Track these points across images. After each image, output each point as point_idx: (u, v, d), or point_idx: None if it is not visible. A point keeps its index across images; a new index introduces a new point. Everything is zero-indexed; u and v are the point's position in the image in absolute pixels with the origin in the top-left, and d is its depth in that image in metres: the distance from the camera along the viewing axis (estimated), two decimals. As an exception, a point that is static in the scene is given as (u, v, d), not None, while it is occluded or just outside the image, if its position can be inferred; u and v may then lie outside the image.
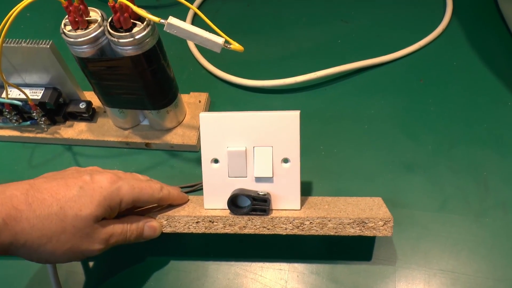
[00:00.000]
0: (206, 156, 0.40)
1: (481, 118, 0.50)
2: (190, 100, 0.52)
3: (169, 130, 0.50)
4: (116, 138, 0.50)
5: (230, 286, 0.41)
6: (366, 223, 0.37)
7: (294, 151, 0.38)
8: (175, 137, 0.49)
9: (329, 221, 0.37)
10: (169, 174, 0.48)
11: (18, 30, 0.65)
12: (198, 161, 0.49)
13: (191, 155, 0.50)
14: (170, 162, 0.49)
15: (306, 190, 0.46)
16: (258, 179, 0.39)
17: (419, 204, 0.44)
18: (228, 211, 0.38)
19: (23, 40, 0.45)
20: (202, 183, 0.41)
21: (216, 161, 0.40)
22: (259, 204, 0.38)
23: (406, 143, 0.48)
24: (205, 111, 0.52)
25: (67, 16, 0.40)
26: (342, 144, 0.49)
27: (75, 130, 0.51)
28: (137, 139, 0.50)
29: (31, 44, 0.45)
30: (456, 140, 0.48)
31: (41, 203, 0.32)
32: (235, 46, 0.37)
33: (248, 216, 0.38)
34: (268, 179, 0.39)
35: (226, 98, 0.54)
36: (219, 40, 0.37)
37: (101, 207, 0.34)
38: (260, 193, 0.38)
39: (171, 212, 0.39)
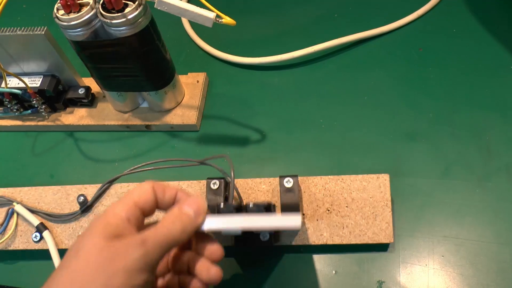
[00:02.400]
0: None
1: (483, 83, 0.49)
2: (188, 80, 0.52)
3: (168, 111, 0.50)
4: (116, 122, 0.50)
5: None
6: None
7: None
8: (175, 118, 0.49)
9: (331, 244, 0.39)
10: (170, 154, 0.49)
11: (15, 22, 0.65)
12: (198, 140, 0.49)
13: (191, 134, 0.50)
14: (171, 142, 0.50)
15: (308, 164, 0.46)
16: None
17: (422, 172, 0.44)
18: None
19: (18, 28, 0.45)
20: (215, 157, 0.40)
21: None
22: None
23: (407, 112, 0.48)
24: (203, 90, 0.51)
25: (59, 0, 0.41)
26: (342, 116, 0.49)
27: (76, 116, 0.52)
28: (137, 122, 0.50)
29: (26, 31, 0.45)
30: (458, 106, 0.48)
31: None
32: (227, 20, 0.37)
33: None
34: None
35: (224, 77, 0.54)
36: (210, 14, 0.37)
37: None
38: (263, 239, 0.39)
39: None
